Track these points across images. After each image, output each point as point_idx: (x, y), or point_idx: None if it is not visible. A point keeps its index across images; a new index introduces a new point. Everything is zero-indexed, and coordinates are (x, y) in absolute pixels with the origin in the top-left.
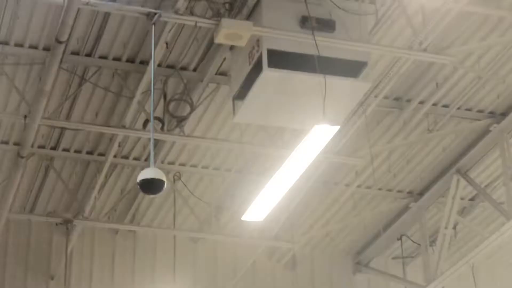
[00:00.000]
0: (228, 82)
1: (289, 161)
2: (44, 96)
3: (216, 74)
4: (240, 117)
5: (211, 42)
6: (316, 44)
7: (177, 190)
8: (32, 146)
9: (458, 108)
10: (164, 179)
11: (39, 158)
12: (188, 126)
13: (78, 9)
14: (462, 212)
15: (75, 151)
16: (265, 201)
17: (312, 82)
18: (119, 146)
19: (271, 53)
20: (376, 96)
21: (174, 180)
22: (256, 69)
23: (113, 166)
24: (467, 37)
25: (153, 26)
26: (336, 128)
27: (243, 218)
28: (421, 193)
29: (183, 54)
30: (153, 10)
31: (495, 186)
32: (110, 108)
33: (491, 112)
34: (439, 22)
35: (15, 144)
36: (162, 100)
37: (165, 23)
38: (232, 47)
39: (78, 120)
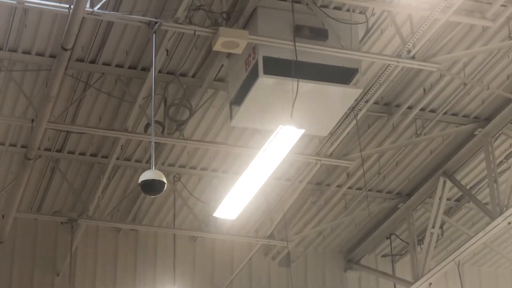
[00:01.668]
0: (225, 88)
1: (256, 161)
2: (50, 101)
3: (214, 80)
4: (237, 121)
5: (209, 49)
6: (295, 50)
7: (177, 191)
8: (38, 148)
9: (445, 113)
10: (164, 180)
11: (45, 160)
12: (187, 129)
13: (83, 18)
14: (449, 212)
15: (80, 154)
16: (236, 199)
17: (306, 88)
18: (121, 148)
19: (267, 60)
20: (366, 102)
21: (174, 181)
22: (252, 75)
23: (116, 168)
24: (453, 46)
25: (154, 34)
26: (301, 131)
27: (215, 214)
28: (409, 194)
29: (183, 61)
30: (154, 19)
31: (480, 188)
32: (113, 113)
33: (476, 117)
34: (426, 31)
35: (23, 146)
36: (162, 105)
37: (166, 31)
38: (229, 55)
39: (83, 123)
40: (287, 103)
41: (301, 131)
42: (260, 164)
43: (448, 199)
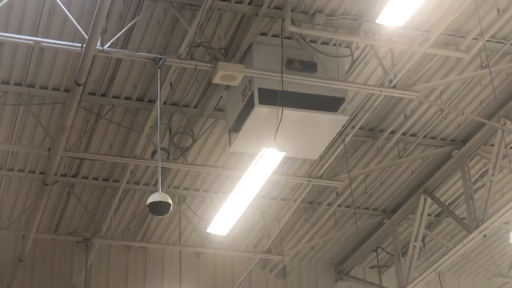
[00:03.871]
0: (224, 117)
1: (243, 181)
2: (65, 131)
3: (214, 110)
4: (235, 147)
5: (209, 82)
6: (282, 81)
7: (182, 211)
8: (55, 174)
9: (424, 137)
10: (170, 202)
11: (61, 184)
12: (190, 155)
13: (94, 56)
14: (429, 226)
15: (93, 178)
16: (226, 216)
17: (297, 116)
18: (131, 173)
19: (262, 91)
20: (353, 127)
21: (179, 202)
22: (249, 105)
23: (126, 191)
24: (430, 75)
25: (159, 69)
26: (283, 153)
27: (208, 230)
28: (393, 211)
29: (185, 93)
30: (159, 56)
31: (458, 204)
32: (123, 141)
33: (452, 140)
34: (406, 63)
35: (41, 173)
36: (167, 133)
37: (169, 66)
38: (227, 87)
39: (95, 151)
40: (281, 130)
41: (283, 154)
42: (246, 184)
43: (428, 215)
